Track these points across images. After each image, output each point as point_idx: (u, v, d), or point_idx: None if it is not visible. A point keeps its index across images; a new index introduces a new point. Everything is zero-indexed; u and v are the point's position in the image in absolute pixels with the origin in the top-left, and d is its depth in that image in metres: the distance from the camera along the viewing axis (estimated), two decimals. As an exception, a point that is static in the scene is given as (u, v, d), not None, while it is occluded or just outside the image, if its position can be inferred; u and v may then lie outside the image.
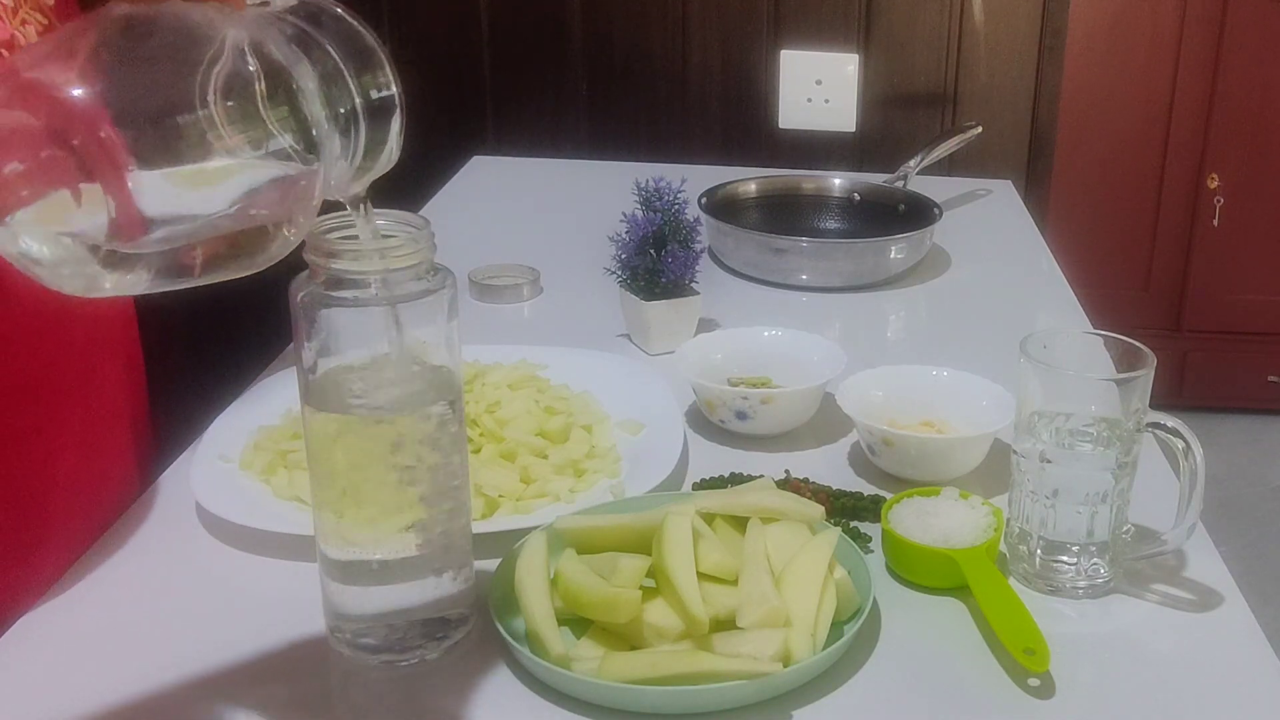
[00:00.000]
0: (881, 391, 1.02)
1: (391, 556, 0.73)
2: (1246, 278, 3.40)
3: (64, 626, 0.80)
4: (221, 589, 0.85)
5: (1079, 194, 3.28)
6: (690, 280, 1.20)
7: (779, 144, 1.90)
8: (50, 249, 0.54)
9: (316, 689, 0.75)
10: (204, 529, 0.90)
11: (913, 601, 0.83)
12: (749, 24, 1.86)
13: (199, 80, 0.55)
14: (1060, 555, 0.84)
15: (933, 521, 0.85)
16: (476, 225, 1.55)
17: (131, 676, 0.75)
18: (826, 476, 0.96)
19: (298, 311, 0.70)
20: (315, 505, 0.74)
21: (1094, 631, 0.81)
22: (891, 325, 1.36)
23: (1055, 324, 1.30)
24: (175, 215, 0.55)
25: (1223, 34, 3.17)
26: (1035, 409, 0.83)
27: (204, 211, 0.56)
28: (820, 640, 0.74)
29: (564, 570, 0.77)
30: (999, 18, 1.83)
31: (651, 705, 0.72)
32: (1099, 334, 0.87)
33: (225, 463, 0.95)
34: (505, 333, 1.26)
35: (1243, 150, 3.28)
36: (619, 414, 1.03)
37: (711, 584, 0.75)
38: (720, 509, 0.82)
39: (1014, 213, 1.68)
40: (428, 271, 0.70)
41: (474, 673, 0.76)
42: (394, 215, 0.72)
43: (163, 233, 0.55)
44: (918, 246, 1.43)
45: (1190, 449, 0.81)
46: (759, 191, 1.57)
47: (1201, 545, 0.88)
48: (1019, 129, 1.88)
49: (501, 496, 0.90)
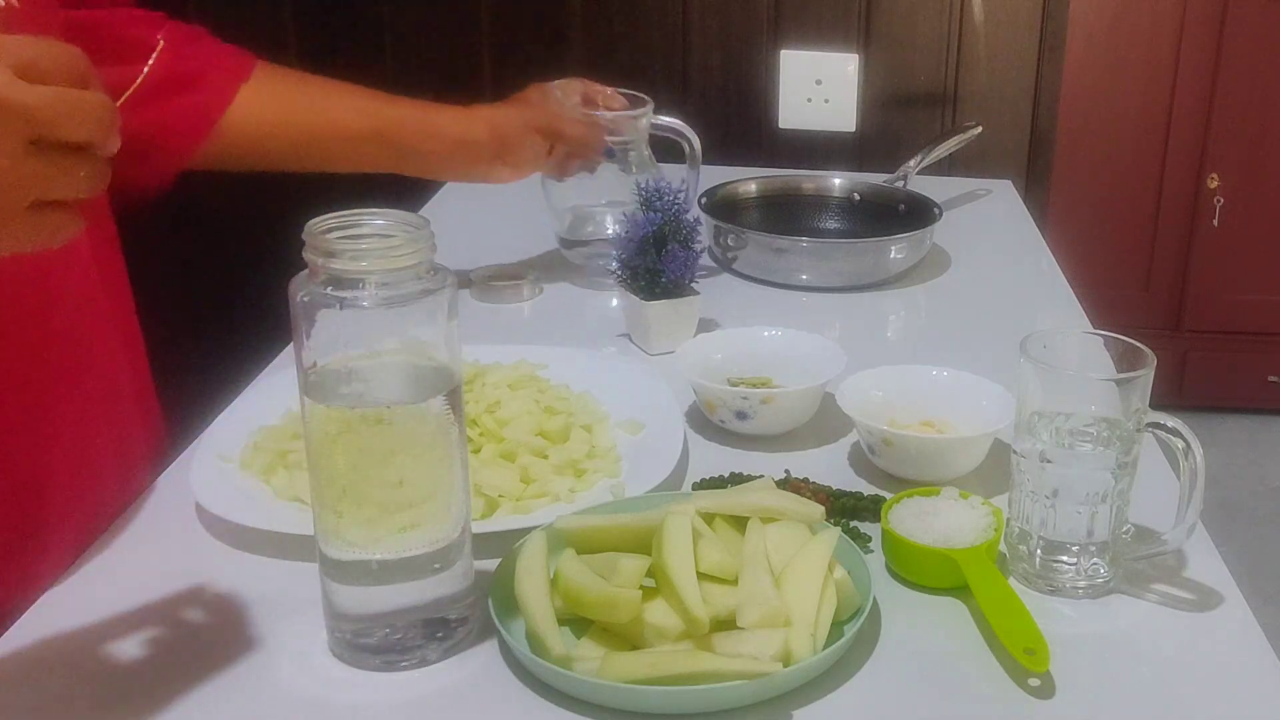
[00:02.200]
0: (881, 391, 1.02)
1: (391, 556, 0.73)
2: (1246, 278, 3.40)
3: (63, 626, 0.80)
4: (221, 589, 0.84)
5: (1079, 194, 3.28)
6: (690, 280, 1.20)
7: (779, 144, 1.90)
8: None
9: (316, 689, 0.75)
10: (204, 529, 0.90)
11: (913, 601, 0.83)
12: (749, 24, 1.86)
13: None
14: (1060, 555, 0.84)
15: (933, 521, 0.85)
16: (476, 225, 1.55)
17: (130, 676, 0.75)
18: (826, 476, 0.96)
19: (298, 311, 0.70)
20: (315, 505, 0.74)
21: (1094, 631, 0.81)
22: (891, 325, 1.36)
23: (1055, 324, 1.30)
24: None
25: (1223, 34, 3.17)
26: (1035, 409, 0.83)
27: None
28: (820, 640, 0.74)
29: (564, 570, 0.77)
30: (999, 18, 1.83)
31: (651, 705, 0.72)
32: (1099, 334, 0.87)
33: (225, 463, 0.95)
34: (505, 333, 1.26)
35: (1243, 150, 3.28)
36: (619, 414, 1.03)
37: (711, 584, 0.75)
38: (720, 509, 0.82)
39: (1014, 213, 1.68)
40: (428, 271, 0.70)
41: (474, 673, 0.76)
42: (394, 215, 0.72)
43: None
44: (918, 246, 1.43)
45: (1190, 449, 0.81)
46: (759, 191, 1.57)
47: (1201, 545, 0.88)
48: (1019, 129, 1.88)
49: (501, 496, 0.90)
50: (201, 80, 1.14)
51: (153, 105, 1.09)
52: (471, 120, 1.27)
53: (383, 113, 1.24)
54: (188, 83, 1.13)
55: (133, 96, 1.09)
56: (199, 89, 1.14)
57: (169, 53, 1.11)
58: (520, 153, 1.28)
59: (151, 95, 1.10)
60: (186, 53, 1.13)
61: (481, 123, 1.27)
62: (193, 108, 1.13)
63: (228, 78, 1.16)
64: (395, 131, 1.24)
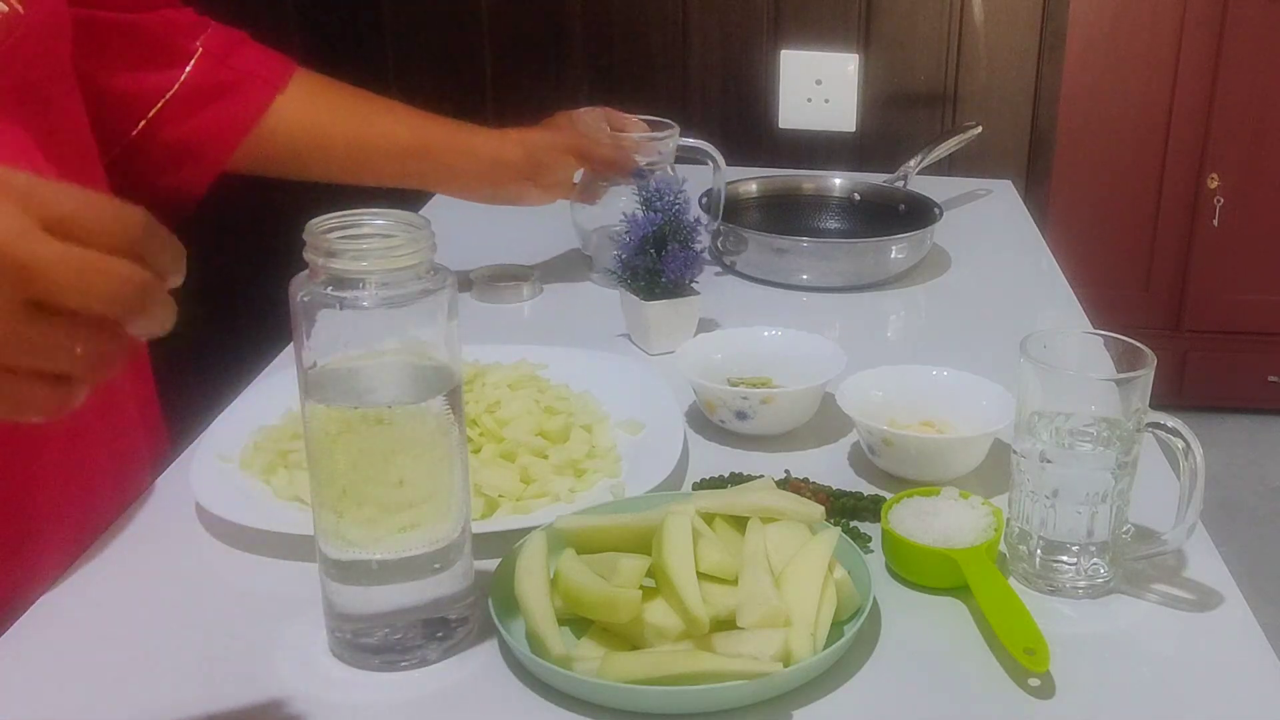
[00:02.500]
0: (881, 391, 1.02)
1: (391, 556, 0.73)
2: (1246, 278, 3.40)
3: (62, 626, 0.80)
4: (221, 589, 0.84)
5: (1079, 194, 3.28)
6: (690, 280, 1.20)
7: (779, 144, 1.90)
8: None
9: (316, 690, 0.75)
10: (204, 529, 0.90)
11: (913, 601, 0.83)
12: (749, 24, 1.86)
13: None
14: (1060, 555, 0.84)
15: (932, 521, 0.85)
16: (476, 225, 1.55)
17: (130, 676, 0.75)
18: (826, 476, 0.96)
19: (298, 311, 0.70)
20: (315, 505, 0.74)
21: (1094, 631, 0.81)
22: (891, 325, 1.36)
23: (1055, 324, 1.30)
24: None
25: (1223, 34, 3.17)
26: (1035, 409, 0.83)
27: None
28: (820, 640, 0.74)
29: (564, 570, 0.77)
30: (999, 18, 1.83)
31: (651, 705, 0.72)
32: (1099, 334, 0.87)
33: (225, 463, 0.95)
34: (505, 333, 1.26)
35: (1243, 150, 3.28)
36: (619, 414, 1.03)
37: (711, 584, 0.75)
38: (720, 509, 0.82)
39: (1014, 213, 1.68)
40: (428, 271, 0.70)
41: (474, 673, 0.76)
42: (394, 215, 0.72)
43: None
44: (918, 246, 1.43)
45: (1190, 449, 0.81)
46: (759, 191, 1.57)
47: (1201, 545, 0.88)
48: (1019, 129, 1.88)
49: (501, 496, 0.90)
50: (237, 89, 1.15)
51: (187, 114, 1.10)
52: (504, 140, 1.28)
53: (421, 128, 1.26)
54: (223, 91, 1.13)
55: (168, 104, 1.09)
56: (234, 97, 1.14)
57: (206, 59, 1.11)
58: (552, 174, 1.30)
59: (187, 104, 1.11)
60: (224, 60, 1.13)
61: (514, 143, 1.28)
62: (227, 116, 1.14)
63: (263, 86, 1.16)
64: (432, 148, 1.26)
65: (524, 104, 1.93)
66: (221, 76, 1.13)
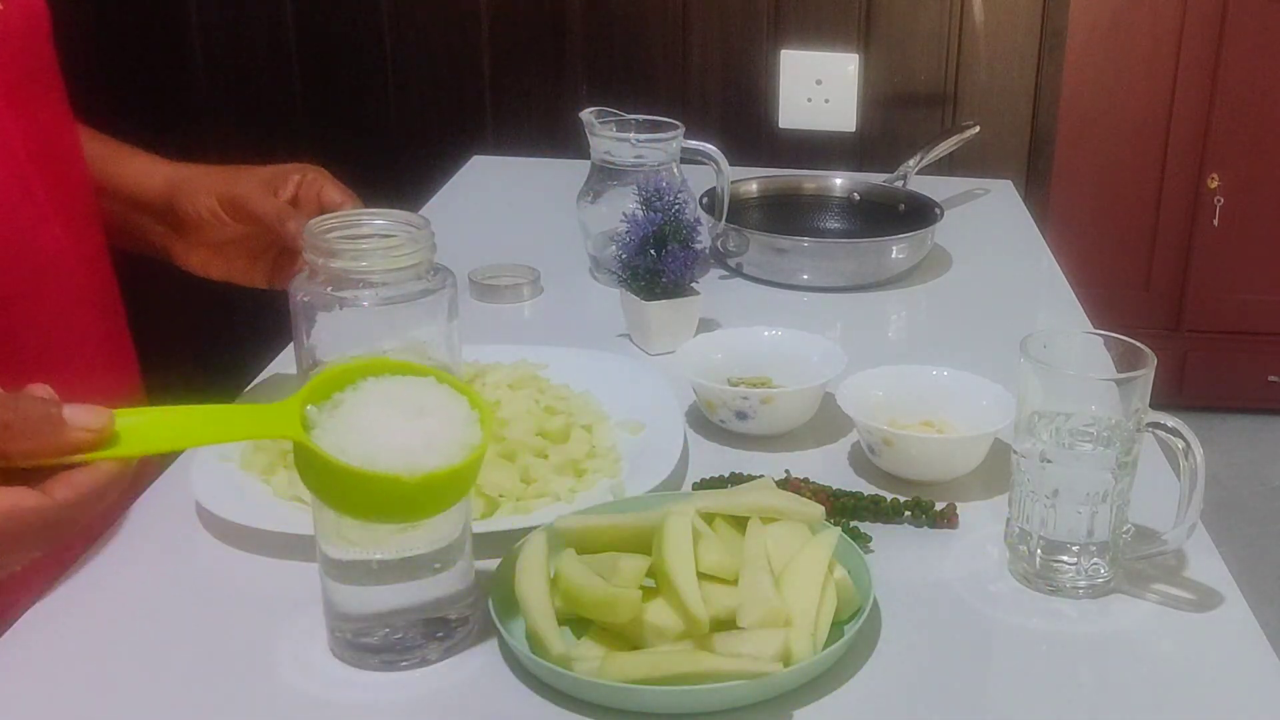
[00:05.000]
0: (881, 391, 1.02)
1: (391, 556, 0.73)
2: (1246, 278, 3.40)
3: (62, 626, 0.80)
4: (221, 589, 0.84)
5: (1079, 194, 3.28)
6: (690, 280, 1.20)
7: (779, 144, 1.90)
8: None
9: (316, 689, 0.75)
10: (204, 529, 0.90)
11: (913, 601, 0.83)
12: (749, 24, 1.86)
13: None
14: (1060, 555, 0.84)
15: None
16: (476, 225, 1.55)
17: (130, 676, 0.75)
18: (826, 476, 0.96)
19: (298, 311, 0.70)
20: (315, 505, 0.74)
21: (1094, 631, 0.81)
22: (892, 325, 1.36)
23: (1055, 324, 1.30)
24: None
25: (1223, 34, 3.17)
26: (1035, 409, 0.83)
27: None
28: (820, 640, 0.74)
29: (564, 570, 0.77)
30: (999, 18, 1.83)
31: (651, 705, 0.72)
32: (1099, 334, 0.87)
33: (225, 463, 0.95)
34: (505, 333, 1.26)
35: (1243, 150, 3.28)
36: (619, 414, 1.03)
37: (711, 584, 0.75)
38: (720, 509, 0.82)
39: (1014, 213, 1.68)
40: (428, 271, 0.70)
41: (474, 673, 0.76)
42: (394, 215, 0.72)
43: None
44: (918, 246, 1.43)
45: (1190, 449, 0.81)
46: (760, 191, 1.57)
47: (1201, 545, 0.88)
48: (1019, 129, 1.88)
49: (501, 496, 0.90)
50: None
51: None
52: (154, 166, 1.06)
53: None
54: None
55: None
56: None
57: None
58: (197, 221, 1.03)
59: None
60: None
61: (162, 175, 1.04)
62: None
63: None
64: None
65: (524, 105, 1.94)
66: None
